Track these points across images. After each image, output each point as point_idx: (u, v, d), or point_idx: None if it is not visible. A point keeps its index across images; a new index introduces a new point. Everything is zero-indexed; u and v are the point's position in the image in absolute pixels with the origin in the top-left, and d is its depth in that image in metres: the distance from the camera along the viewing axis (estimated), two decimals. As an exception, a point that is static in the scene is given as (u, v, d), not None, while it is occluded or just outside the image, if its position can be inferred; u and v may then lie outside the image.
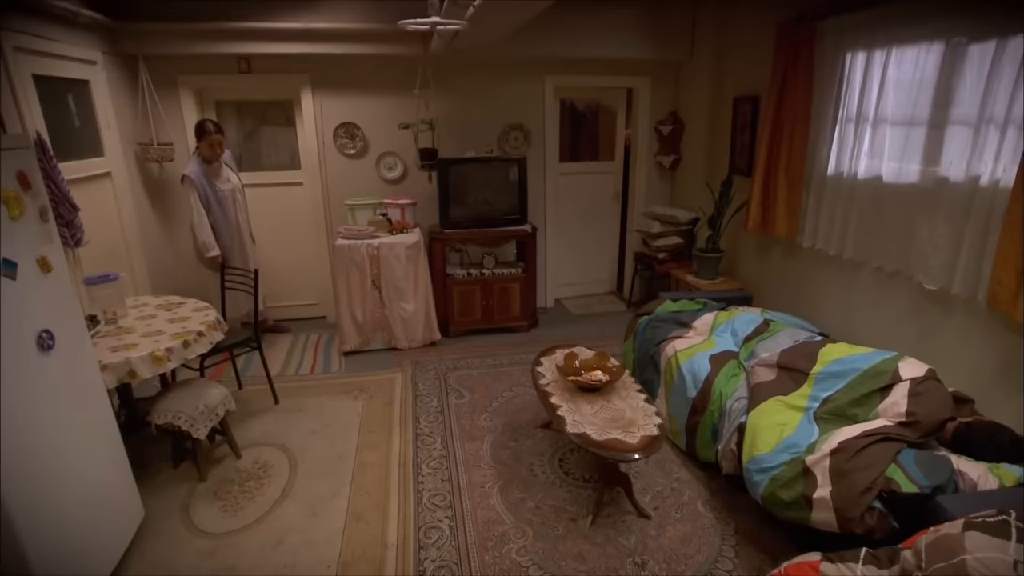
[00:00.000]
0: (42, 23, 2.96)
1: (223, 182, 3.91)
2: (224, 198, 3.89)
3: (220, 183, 3.88)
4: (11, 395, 1.74)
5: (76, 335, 2.12)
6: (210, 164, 3.83)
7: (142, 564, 2.28)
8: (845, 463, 1.99)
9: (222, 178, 3.91)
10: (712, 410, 2.72)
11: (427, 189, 4.58)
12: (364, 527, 2.48)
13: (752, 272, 4.12)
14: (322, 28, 3.90)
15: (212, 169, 3.85)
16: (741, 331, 3.18)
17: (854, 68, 3.02)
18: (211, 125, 3.76)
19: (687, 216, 4.62)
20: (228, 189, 3.93)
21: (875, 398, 2.27)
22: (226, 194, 3.90)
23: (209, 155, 3.81)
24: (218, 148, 3.79)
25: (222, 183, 3.89)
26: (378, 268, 4.09)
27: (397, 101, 4.43)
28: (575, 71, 4.71)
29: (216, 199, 3.83)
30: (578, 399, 2.64)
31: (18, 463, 1.74)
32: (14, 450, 1.73)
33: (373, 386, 3.73)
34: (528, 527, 2.45)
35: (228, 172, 3.98)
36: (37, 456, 1.83)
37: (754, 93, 3.89)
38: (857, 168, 3.04)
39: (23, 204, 1.85)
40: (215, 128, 3.77)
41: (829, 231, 3.27)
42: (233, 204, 3.97)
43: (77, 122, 3.37)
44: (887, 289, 2.95)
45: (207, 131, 3.75)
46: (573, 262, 5.40)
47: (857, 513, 1.86)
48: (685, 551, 2.32)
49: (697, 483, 2.74)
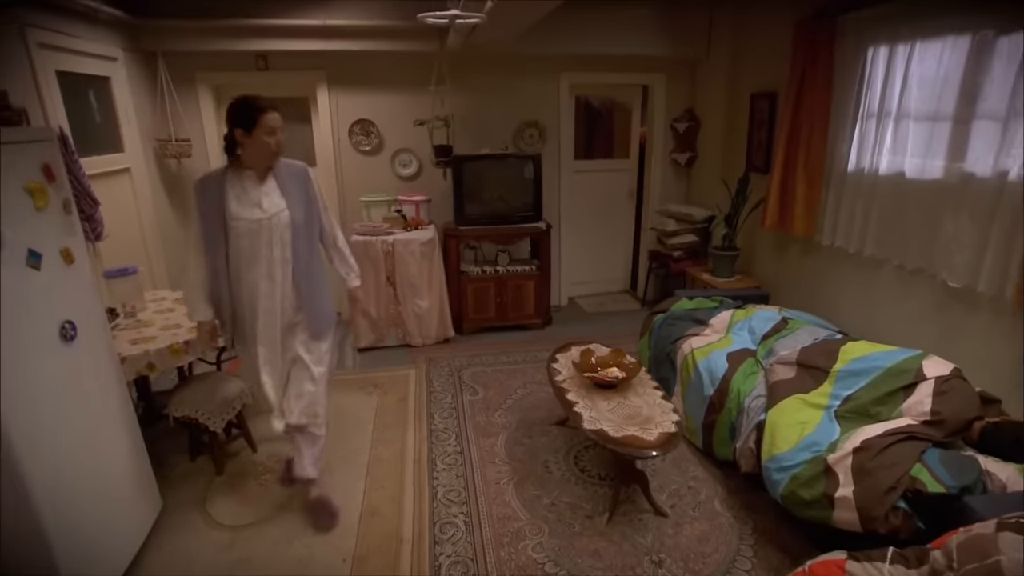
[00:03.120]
0: (65, 19, 2.99)
1: (250, 207, 2.17)
2: (251, 233, 2.18)
3: (248, 207, 2.17)
4: (35, 384, 1.76)
5: (97, 327, 2.14)
6: (246, 172, 2.19)
7: (160, 555, 2.30)
8: (868, 462, 1.96)
9: (253, 198, 2.18)
10: (730, 408, 2.69)
11: (442, 186, 4.58)
12: (379, 521, 2.48)
13: (769, 270, 4.08)
14: (339, 25, 3.91)
15: (243, 181, 2.18)
16: (758, 329, 3.14)
17: (876, 63, 2.98)
18: (266, 103, 2.13)
19: (703, 214, 4.59)
20: (262, 219, 2.18)
21: (898, 397, 2.23)
22: (254, 227, 2.18)
23: (258, 156, 2.15)
24: (274, 146, 2.14)
25: (249, 208, 2.17)
26: (393, 264, 4.09)
27: (412, 98, 4.44)
28: (590, 68, 4.68)
29: (236, 232, 2.17)
30: (594, 396, 2.62)
31: (41, 452, 1.76)
32: (37, 439, 1.75)
33: (387, 382, 3.74)
34: (544, 524, 2.44)
35: (273, 189, 2.22)
36: (59, 446, 1.85)
37: (772, 89, 3.84)
38: (878, 164, 3.00)
39: (47, 196, 1.87)
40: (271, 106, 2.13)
41: (849, 228, 3.23)
42: (269, 246, 2.20)
43: (98, 118, 3.41)
44: (909, 287, 2.90)
45: (261, 110, 2.09)
46: (587, 260, 5.37)
47: (881, 512, 1.83)
48: (703, 550, 2.29)
49: (714, 481, 2.71)
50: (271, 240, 2.20)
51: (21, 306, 1.72)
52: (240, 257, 2.21)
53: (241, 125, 2.08)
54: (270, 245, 2.21)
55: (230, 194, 2.16)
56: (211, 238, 2.19)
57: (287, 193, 2.23)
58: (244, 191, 2.18)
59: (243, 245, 2.19)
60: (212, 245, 2.20)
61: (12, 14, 2.59)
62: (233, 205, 2.16)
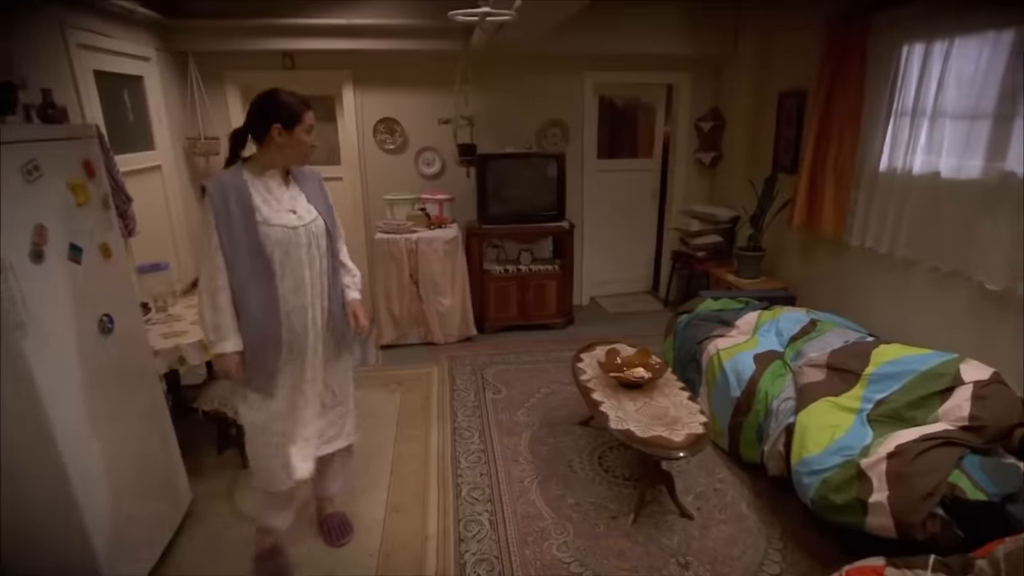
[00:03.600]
0: (102, 21, 3.06)
1: (283, 212, 1.91)
2: (287, 243, 1.90)
3: (280, 213, 1.91)
4: (75, 376, 1.80)
5: (133, 320, 2.18)
6: (268, 172, 1.93)
7: (191, 545, 2.34)
8: (904, 467, 1.92)
9: (284, 203, 1.93)
10: (757, 410, 2.65)
11: (464, 185, 4.60)
12: (404, 518, 2.49)
13: (795, 271, 4.02)
14: (365, 24, 3.94)
15: (267, 183, 1.92)
16: (786, 331, 3.10)
17: (911, 61, 2.92)
18: (306, 99, 1.92)
19: (727, 214, 4.54)
20: (299, 227, 1.93)
21: (934, 401, 2.18)
22: (291, 236, 1.91)
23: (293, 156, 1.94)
24: (307, 147, 1.94)
25: (282, 213, 1.91)
26: (416, 263, 4.11)
27: (437, 97, 4.46)
28: (615, 67, 4.66)
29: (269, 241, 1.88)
30: (620, 396, 2.61)
31: (80, 444, 1.79)
32: (76, 431, 1.78)
33: (410, 379, 3.76)
34: (568, 523, 2.43)
35: (299, 194, 1.99)
36: (97, 438, 1.88)
37: (801, 88, 3.79)
38: (912, 164, 2.93)
39: (88, 192, 1.91)
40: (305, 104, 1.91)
41: (880, 229, 3.16)
42: (309, 258, 1.96)
43: (131, 116, 3.47)
44: (943, 290, 2.84)
45: (305, 105, 1.90)
46: (609, 260, 5.34)
47: (918, 519, 1.79)
48: (730, 553, 2.26)
49: (740, 484, 2.67)
50: (310, 251, 1.96)
51: (63, 299, 1.76)
52: (273, 271, 1.88)
53: (281, 121, 1.85)
54: (309, 257, 1.96)
55: (256, 198, 1.87)
56: (235, 250, 1.84)
57: (312, 199, 2.01)
58: (271, 194, 1.91)
59: (277, 257, 1.88)
60: (236, 258, 1.84)
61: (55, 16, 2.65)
62: (264, 210, 1.87)
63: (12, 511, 1.71)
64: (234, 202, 1.83)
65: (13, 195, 1.59)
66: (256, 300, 1.89)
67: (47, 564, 1.80)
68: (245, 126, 1.92)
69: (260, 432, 2.01)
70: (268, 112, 1.86)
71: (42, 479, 1.70)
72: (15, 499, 1.70)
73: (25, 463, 1.68)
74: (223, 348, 1.88)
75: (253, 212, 1.85)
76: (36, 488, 1.71)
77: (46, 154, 1.72)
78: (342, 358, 2.18)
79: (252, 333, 1.90)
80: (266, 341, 1.92)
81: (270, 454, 2.03)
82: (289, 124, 1.86)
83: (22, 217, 1.62)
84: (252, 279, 1.87)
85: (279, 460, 2.03)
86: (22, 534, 1.74)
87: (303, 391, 2.05)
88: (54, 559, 1.80)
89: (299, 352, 2.00)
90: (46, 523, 1.76)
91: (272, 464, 2.03)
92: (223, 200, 1.82)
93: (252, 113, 1.89)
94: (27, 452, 1.67)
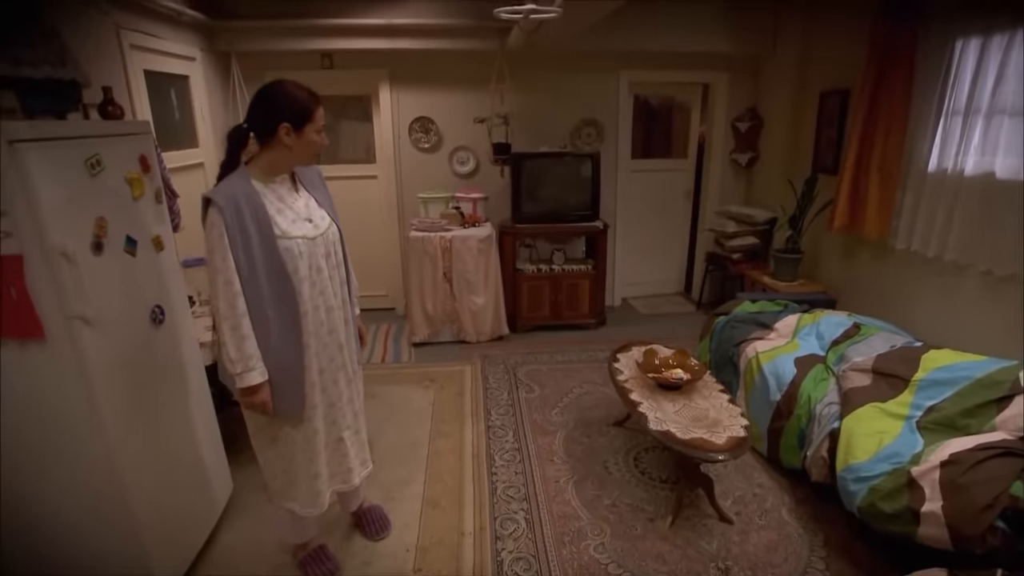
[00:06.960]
0: (153, 22, 3.15)
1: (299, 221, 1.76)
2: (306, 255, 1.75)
3: (296, 222, 1.76)
4: (129, 365, 1.84)
5: (181, 312, 2.23)
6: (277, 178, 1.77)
7: (232, 535, 2.38)
8: (959, 476, 1.85)
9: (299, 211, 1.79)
10: (799, 414, 2.59)
11: (498, 183, 4.60)
12: (440, 514, 2.50)
13: (836, 274, 3.92)
14: (403, 24, 3.98)
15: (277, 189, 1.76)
16: (827, 334, 3.02)
17: (965, 56, 2.82)
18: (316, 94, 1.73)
19: (764, 215, 4.46)
20: (316, 237, 1.79)
21: (991, 409, 2.10)
22: (310, 248, 1.77)
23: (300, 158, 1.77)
24: (317, 148, 1.77)
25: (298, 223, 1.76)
26: (450, 261, 4.13)
27: (472, 96, 4.48)
28: (650, 66, 4.62)
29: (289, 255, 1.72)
30: (659, 397, 2.58)
31: (130, 434, 1.83)
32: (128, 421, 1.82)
33: (443, 377, 3.77)
34: (605, 524, 2.41)
35: (308, 198, 1.85)
36: (147, 428, 1.93)
37: (843, 87, 3.70)
38: (964, 164, 2.83)
39: (143, 186, 1.96)
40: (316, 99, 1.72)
41: (928, 232, 3.07)
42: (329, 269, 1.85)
43: (177, 114, 3.56)
44: (997, 294, 2.74)
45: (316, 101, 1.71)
46: (642, 261, 5.29)
47: (978, 531, 1.72)
48: (771, 559, 2.22)
49: (780, 490, 2.62)
50: (329, 261, 1.82)
51: (119, 290, 1.81)
52: (294, 289, 1.72)
53: (290, 120, 1.64)
54: (330, 267, 1.83)
55: (270, 208, 1.69)
56: (252, 270, 1.64)
57: (323, 202, 1.86)
58: (284, 203, 1.73)
59: (301, 272, 1.72)
60: (252, 279, 1.65)
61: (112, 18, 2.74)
62: (280, 221, 1.69)
63: (62, 497, 1.75)
64: (249, 218, 1.63)
65: (78, 188, 1.64)
66: (278, 325, 1.71)
67: (95, 549, 1.83)
68: (247, 124, 1.71)
69: (288, 461, 1.90)
70: (275, 109, 1.66)
71: (94, 468, 1.73)
72: (66, 485, 1.73)
73: (77, 451, 1.71)
74: (252, 380, 1.69)
75: (271, 227, 1.66)
76: (87, 476, 1.74)
77: (106, 149, 1.77)
78: (359, 375, 2.12)
79: (275, 361, 1.73)
80: (290, 367, 1.76)
81: (307, 478, 1.93)
82: (299, 123, 1.67)
83: (85, 209, 1.67)
84: (272, 302, 1.69)
85: (319, 485, 1.97)
86: (72, 522, 1.78)
87: (339, 415, 1.97)
88: (105, 547, 1.83)
89: (331, 375, 1.89)
90: (97, 510, 1.78)
91: (310, 488, 1.95)
92: (236, 215, 1.61)
93: (257, 109, 1.68)
94: (79, 440, 1.70)
